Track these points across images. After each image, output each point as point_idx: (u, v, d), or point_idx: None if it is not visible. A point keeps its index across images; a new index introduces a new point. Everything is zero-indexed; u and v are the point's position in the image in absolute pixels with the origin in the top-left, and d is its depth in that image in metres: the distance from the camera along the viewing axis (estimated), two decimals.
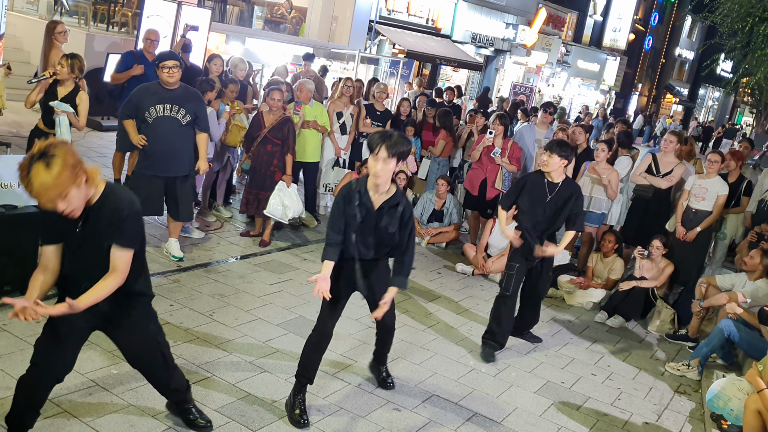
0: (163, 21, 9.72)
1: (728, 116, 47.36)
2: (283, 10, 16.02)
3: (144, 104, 5.39)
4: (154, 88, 5.47)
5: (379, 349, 4.33)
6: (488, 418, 4.27)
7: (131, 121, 5.51)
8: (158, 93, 5.41)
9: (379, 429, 3.93)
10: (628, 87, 36.26)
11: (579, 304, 6.70)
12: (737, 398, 4.36)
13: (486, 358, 5.09)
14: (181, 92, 5.47)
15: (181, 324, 4.75)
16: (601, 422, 4.50)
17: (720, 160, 6.81)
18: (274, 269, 6.18)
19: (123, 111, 5.58)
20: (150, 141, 5.42)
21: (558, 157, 4.94)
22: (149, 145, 5.43)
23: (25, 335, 4.16)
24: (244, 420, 3.76)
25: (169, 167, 5.52)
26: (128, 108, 5.51)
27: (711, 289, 6.05)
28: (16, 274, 4.56)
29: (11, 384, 3.63)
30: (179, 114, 5.43)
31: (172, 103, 5.41)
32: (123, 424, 3.51)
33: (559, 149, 4.96)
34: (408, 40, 18.18)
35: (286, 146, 6.58)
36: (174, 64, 5.34)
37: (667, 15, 38.50)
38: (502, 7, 22.53)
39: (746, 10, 17.52)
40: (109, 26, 12.54)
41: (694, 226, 6.81)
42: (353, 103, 8.31)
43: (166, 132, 5.40)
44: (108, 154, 8.28)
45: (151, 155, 5.46)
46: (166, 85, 5.40)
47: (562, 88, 27.83)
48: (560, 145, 5.02)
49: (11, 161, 4.74)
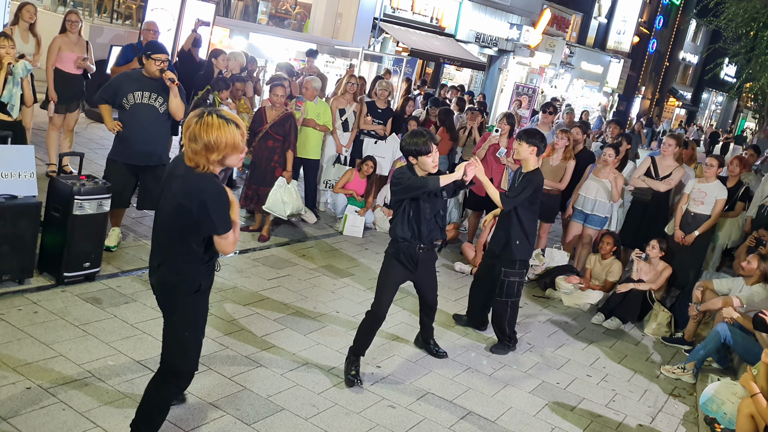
0: (168, 14, 9.73)
1: (731, 121, 47.32)
2: (287, 6, 16.02)
3: (123, 90, 5.34)
4: (136, 76, 5.44)
5: (426, 325, 4.94)
6: (482, 416, 4.29)
7: (107, 105, 5.46)
8: (140, 80, 5.38)
9: (374, 426, 3.94)
10: (631, 90, 36.20)
11: (576, 305, 6.71)
12: (731, 402, 4.37)
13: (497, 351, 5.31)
14: (162, 82, 5.46)
15: None
16: (595, 423, 4.52)
17: (717, 164, 6.81)
18: (273, 264, 6.20)
19: (100, 95, 5.47)
20: (126, 127, 5.36)
21: (527, 145, 5.06)
22: (124, 131, 5.37)
23: (22, 325, 4.18)
24: (239, 414, 3.77)
25: (143, 155, 5.45)
26: (106, 92, 5.43)
27: (708, 293, 6.06)
28: (14, 263, 4.58)
29: (7, 373, 3.65)
30: (157, 102, 5.40)
31: (151, 91, 5.37)
32: (118, 415, 3.53)
33: (527, 137, 5.09)
34: (412, 38, 18.16)
35: (287, 142, 6.60)
36: (165, 59, 5.33)
37: (672, 18, 38.44)
38: (507, 7, 22.49)
39: (751, 15, 17.51)
40: (113, 18, 12.54)
41: (693, 230, 6.82)
42: (356, 100, 8.31)
43: (143, 119, 5.36)
44: (108, 146, 8.26)
45: (125, 141, 5.40)
46: (149, 75, 5.38)
47: (565, 89, 27.79)
48: (528, 133, 5.14)
49: (11, 152, 4.75)
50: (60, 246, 4.77)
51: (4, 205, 4.47)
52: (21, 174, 4.64)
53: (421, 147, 4.20)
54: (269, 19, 15.36)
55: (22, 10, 6.85)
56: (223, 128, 2.82)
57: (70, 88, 6.97)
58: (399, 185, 4.30)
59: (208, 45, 9.82)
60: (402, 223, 4.34)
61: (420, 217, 4.33)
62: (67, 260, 4.78)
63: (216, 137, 2.81)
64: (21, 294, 4.58)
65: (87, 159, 6.86)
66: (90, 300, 4.71)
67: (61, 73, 6.86)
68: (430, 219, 4.37)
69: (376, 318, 4.39)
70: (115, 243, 5.62)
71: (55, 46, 6.82)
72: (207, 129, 2.81)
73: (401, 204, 4.35)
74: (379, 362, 4.72)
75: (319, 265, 6.41)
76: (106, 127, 5.52)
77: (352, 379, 4.30)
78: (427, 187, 4.22)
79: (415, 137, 4.23)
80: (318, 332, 4.99)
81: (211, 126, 2.81)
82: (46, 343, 4.03)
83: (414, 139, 4.23)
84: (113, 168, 5.51)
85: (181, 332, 3.10)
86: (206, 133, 2.80)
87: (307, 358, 4.57)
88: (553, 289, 6.90)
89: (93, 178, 5.00)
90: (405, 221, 4.33)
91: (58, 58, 6.83)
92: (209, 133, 2.81)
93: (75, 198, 4.71)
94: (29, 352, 3.89)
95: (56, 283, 4.82)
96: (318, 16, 16.26)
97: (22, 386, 3.58)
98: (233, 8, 14.71)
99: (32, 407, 3.44)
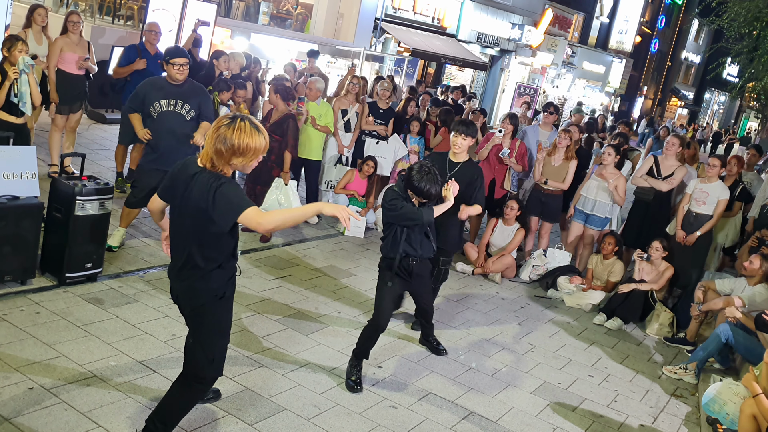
0: (169, 15, 9.74)
1: (733, 121, 47.27)
2: (289, 6, 16.04)
3: (149, 98, 5.41)
4: (160, 83, 5.50)
5: (425, 326, 5.08)
6: (484, 417, 4.29)
7: (137, 114, 5.54)
8: (164, 88, 5.44)
9: (375, 426, 3.95)
10: (633, 90, 36.19)
11: (578, 305, 6.71)
12: (733, 402, 4.36)
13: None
14: (187, 88, 5.49)
15: (180, 318, 4.76)
16: (597, 424, 4.51)
17: (719, 165, 6.81)
18: (275, 265, 6.20)
19: (129, 105, 5.61)
20: (155, 135, 5.44)
21: (463, 136, 5.04)
22: (154, 140, 5.45)
23: (24, 325, 4.18)
24: (240, 414, 3.78)
25: (175, 162, 5.50)
26: (134, 102, 5.54)
27: (710, 293, 6.05)
28: (16, 264, 4.59)
29: (10, 373, 3.66)
30: (183, 109, 5.45)
31: (177, 98, 5.43)
32: (120, 415, 3.53)
33: (465, 128, 5.07)
34: (413, 38, 18.17)
35: (285, 143, 6.58)
36: (185, 62, 5.36)
37: (674, 18, 38.41)
38: (509, 7, 22.48)
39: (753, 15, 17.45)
40: (114, 19, 12.56)
41: (695, 230, 6.81)
42: (358, 100, 8.31)
43: (170, 126, 5.42)
44: (111, 147, 8.30)
45: (156, 149, 5.49)
46: (172, 81, 5.42)
47: (567, 89, 27.77)
48: (465, 123, 5.13)
49: (13, 153, 4.75)
50: (62, 246, 4.77)
51: (7, 206, 4.48)
52: (23, 175, 4.65)
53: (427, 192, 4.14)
54: (270, 20, 15.37)
55: (34, 13, 6.91)
56: (254, 136, 2.90)
57: (72, 88, 6.99)
58: (392, 212, 4.27)
59: (210, 46, 9.83)
60: (394, 245, 4.31)
61: (411, 238, 4.33)
62: (69, 261, 4.79)
63: (247, 143, 2.89)
64: (23, 294, 4.58)
65: (89, 160, 6.88)
66: (92, 300, 4.72)
67: (63, 73, 6.88)
68: (422, 238, 4.38)
69: (377, 328, 4.37)
70: (117, 243, 5.64)
71: (57, 47, 6.84)
72: (239, 134, 2.87)
73: (392, 227, 4.33)
74: (380, 362, 4.72)
75: (320, 266, 6.41)
76: (138, 136, 5.59)
77: (352, 384, 4.30)
78: (420, 220, 4.22)
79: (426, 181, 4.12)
80: (319, 333, 4.99)
81: (243, 131, 2.88)
82: (48, 344, 4.04)
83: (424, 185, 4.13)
84: (143, 173, 5.58)
85: (206, 340, 3.13)
86: (238, 138, 2.87)
87: (309, 358, 4.57)
88: (555, 290, 6.89)
89: (94, 178, 5.00)
90: (397, 243, 4.30)
91: (60, 59, 6.84)
92: (241, 138, 2.87)
93: (77, 199, 4.72)
94: (31, 353, 3.90)
95: (58, 283, 4.83)
96: (319, 17, 16.27)
97: (24, 386, 3.59)
98: (234, 9, 14.73)
99: (35, 407, 3.44)
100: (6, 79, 5.54)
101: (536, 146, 8.04)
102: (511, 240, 7.17)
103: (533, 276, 7.24)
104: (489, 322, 5.90)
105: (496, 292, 6.72)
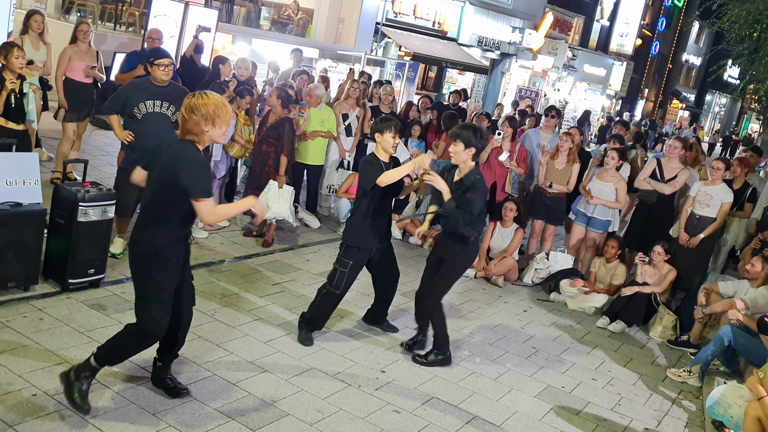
0: (171, 21, 9.76)
1: (735, 123, 47.24)
2: (290, 12, 16.07)
3: (133, 100, 5.34)
4: (144, 85, 5.44)
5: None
6: (488, 421, 4.28)
7: (116, 116, 5.46)
8: (149, 89, 5.38)
9: (379, 431, 3.94)
10: (634, 92, 36.18)
11: (581, 308, 6.69)
12: (737, 405, 4.34)
13: (304, 341, 4.86)
14: (171, 89, 5.44)
15: None
16: (601, 427, 4.50)
17: (724, 168, 6.80)
18: (277, 269, 6.20)
19: (108, 105, 5.48)
20: (138, 137, 5.35)
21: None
22: (136, 141, 5.36)
23: (27, 331, 4.18)
24: (243, 419, 3.77)
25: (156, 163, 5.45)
26: (115, 103, 5.44)
27: (713, 296, 6.04)
28: (19, 270, 4.59)
29: (13, 380, 3.66)
30: (169, 111, 5.41)
31: (162, 100, 5.38)
32: (123, 421, 3.53)
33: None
34: (414, 42, 18.21)
35: (281, 147, 6.57)
36: (169, 62, 5.33)
37: (675, 20, 38.42)
38: (509, 10, 22.51)
39: (754, 17, 17.45)
40: (116, 26, 12.60)
41: (698, 232, 6.80)
42: (359, 105, 8.32)
43: (155, 128, 5.36)
44: (113, 153, 8.33)
45: (137, 151, 5.41)
46: (157, 82, 5.40)
47: (567, 92, 27.77)
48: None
49: (16, 159, 4.76)
50: (65, 253, 4.78)
51: (9, 213, 4.49)
52: (26, 181, 4.67)
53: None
54: (272, 25, 15.40)
55: (30, 19, 6.92)
56: (210, 95, 3.50)
57: (80, 97, 7.03)
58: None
59: (211, 51, 9.84)
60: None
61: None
62: (72, 267, 4.79)
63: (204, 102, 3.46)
64: (26, 301, 4.59)
65: (91, 166, 6.90)
66: (95, 306, 4.72)
67: (72, 82, 6.91)
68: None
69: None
70: (120, 250, 5.63)
71: (66, 56, 6.87)
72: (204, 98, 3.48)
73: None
74: (383, 367, 4.72)
75: (322, 270, 6.41)
76: (117, 138, 5.53)
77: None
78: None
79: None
80: (322, 337, 4.99)
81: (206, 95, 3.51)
82: (52, 350, 4.04)
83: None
84: (125, 177, 5.52)
85: (142, 292, 3.61)
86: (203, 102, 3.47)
87: (312, 363, 4.57)
88: (558, 293, 6.88)
89: (97, 184, 5.01)
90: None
91: (68, 67, 6.88)
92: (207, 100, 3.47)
93: (79, 205, 4.72)
94: (35, 359, 3.90)
95: (61, 289, 4.83)
96: (320, 22, 16.30)
97: (27, 393, 3.59)
98: (236, 14, 14.75)
99: (38, 414, 3.44)
100: (4, 87, 5.54)
101: (537, 149, 8.05)
102: (512, 241, 7.16)
103: (536, 279, 7.23)
104: (492, 325, 5.89)
105: (499, 296, 6.71)
